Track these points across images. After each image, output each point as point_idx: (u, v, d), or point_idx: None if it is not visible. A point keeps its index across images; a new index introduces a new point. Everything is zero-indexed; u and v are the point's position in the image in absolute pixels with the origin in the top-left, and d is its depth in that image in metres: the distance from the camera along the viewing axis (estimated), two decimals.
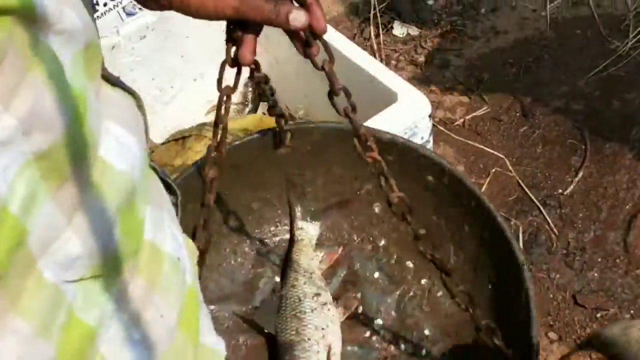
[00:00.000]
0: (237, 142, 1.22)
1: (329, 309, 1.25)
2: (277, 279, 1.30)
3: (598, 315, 1.54)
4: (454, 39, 2.01)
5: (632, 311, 1.52)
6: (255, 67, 0.93)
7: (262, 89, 1.02)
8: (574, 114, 1.83)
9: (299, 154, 1.22)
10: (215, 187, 0.97)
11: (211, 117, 1.48)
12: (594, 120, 1.82)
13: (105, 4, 1.58)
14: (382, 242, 1.27)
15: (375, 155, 0.87)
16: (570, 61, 1.93)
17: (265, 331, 1.24)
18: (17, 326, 0.52)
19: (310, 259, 1.29)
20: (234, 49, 0.84)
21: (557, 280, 1.59)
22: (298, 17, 0.77)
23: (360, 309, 1.23)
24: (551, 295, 1.57)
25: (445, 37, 2.02)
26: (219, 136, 0.93)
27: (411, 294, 1.23)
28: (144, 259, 0.65)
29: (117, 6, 1.57)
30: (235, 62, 0.84)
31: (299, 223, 1.30)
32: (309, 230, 1.30)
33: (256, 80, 0.98)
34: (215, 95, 0.98)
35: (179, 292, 0.71)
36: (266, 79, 0.99)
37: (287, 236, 1.31)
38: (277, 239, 1.31)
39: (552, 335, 1.53)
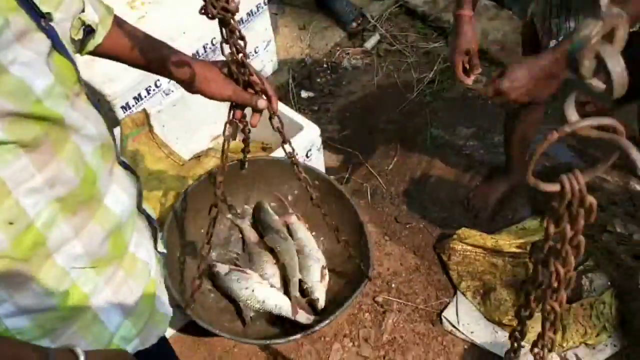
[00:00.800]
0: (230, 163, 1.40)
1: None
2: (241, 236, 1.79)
3: (407, 226, 2.32)
4: (330, 95, 2.85)
5: (422, 224, 2.31)
6: (243, 126, 1.19)
7: (246, 135, 1.31)
8: (390, 131, 2.67)
9: (266, 175, 1.72)
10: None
11: (214, 144, 2.33)
12: (402, 134, 2.66)
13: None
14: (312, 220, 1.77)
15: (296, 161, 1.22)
16: (389, 103, 2.77)
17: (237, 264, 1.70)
18: (34, 287, 0.77)
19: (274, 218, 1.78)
20: (232, 113, 1.14)
21: (386, 210, 2.38)
22: (262, 103, 1.08)
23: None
24: (384, 218, 2.36)
25: (325, 96, 2.85)
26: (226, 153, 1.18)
27: (322, 237, 1.77)
28: (126, 262, 0.93)
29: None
30: (232, 120, 1.13)
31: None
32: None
33: (245, 130, 1.26)
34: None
35: (144, 280, 0.99)
36: (249, 130, 1.26)
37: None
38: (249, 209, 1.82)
39: (386, 238, 2.29)
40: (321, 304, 1.56)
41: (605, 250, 2.12)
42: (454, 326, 2.04)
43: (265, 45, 2.72)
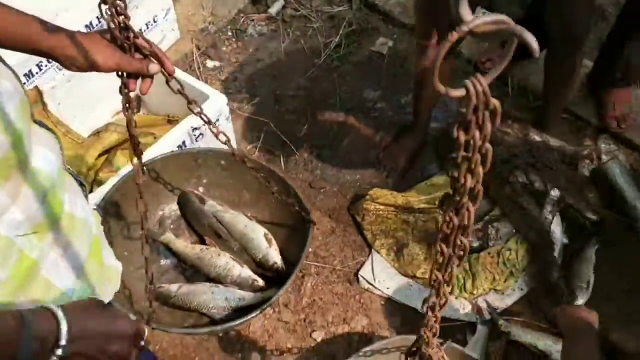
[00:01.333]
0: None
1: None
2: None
3: (322, 190, 2.36)
4: (237, 64, 2.81)
5: (336, 188, 2.35)
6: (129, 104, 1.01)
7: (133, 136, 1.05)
8: (300, 97, 2.67)
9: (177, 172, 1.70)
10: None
11: (115, 119, 2.26)
12: (312, 99, 2.66)
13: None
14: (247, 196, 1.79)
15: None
16: (298, 69, 2.76)
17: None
18: None
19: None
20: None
21: (302, 177, 2.42)
22: (154, 67, 0.99)
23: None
24: (299, 184, 2.36)
25: (232, 64, 2.82)
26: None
27: (249, 213, 1.76)
28: (65, 222, 0.91)
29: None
30: (127, 93, 0.99)
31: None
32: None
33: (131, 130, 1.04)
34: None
35: (87, 238, 0.98)
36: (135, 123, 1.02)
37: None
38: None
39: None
40: (280, 265, 1.59)
41: (510, 200, 2.22)
42: (370, 284, 2.09)
43: (165, 14, 2.63)
